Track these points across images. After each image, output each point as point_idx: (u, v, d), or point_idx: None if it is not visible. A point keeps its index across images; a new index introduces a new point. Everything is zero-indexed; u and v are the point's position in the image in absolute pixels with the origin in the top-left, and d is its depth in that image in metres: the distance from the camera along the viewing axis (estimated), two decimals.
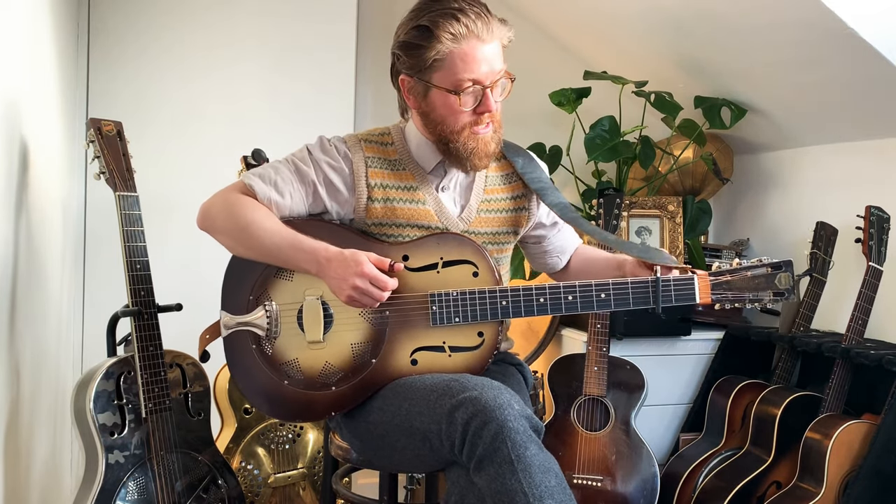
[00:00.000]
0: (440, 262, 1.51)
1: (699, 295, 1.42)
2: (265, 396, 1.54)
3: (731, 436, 2.47)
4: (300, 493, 2.23)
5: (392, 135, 1.60)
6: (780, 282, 1.37)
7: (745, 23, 2.28)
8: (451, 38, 1.42)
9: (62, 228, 2.27)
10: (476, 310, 1.46)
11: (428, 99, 1.50)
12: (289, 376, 1.52)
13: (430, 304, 1.48)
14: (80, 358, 2.54)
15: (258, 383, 1.53)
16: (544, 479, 1.28)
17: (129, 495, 1.77)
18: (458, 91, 1.45)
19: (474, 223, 1.60)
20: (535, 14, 3.01)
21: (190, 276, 2.51)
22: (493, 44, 1.45)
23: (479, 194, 1.62)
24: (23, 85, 1.72)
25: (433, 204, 1.57)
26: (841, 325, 2.35)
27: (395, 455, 1.49)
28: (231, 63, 2.66)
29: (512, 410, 1.30)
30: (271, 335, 1.51)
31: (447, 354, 1.50)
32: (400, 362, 1.50)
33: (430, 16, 1.43)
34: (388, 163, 1.57)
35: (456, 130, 1.49)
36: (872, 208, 2.27)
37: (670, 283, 1.43)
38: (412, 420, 1.40)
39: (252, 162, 2.27)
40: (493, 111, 1.49)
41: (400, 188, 1.56)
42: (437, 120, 1.50)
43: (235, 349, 1.54)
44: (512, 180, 1.66)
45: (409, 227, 1.55)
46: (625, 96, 2.80)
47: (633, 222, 2.71)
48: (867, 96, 2.30)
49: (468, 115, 1.48)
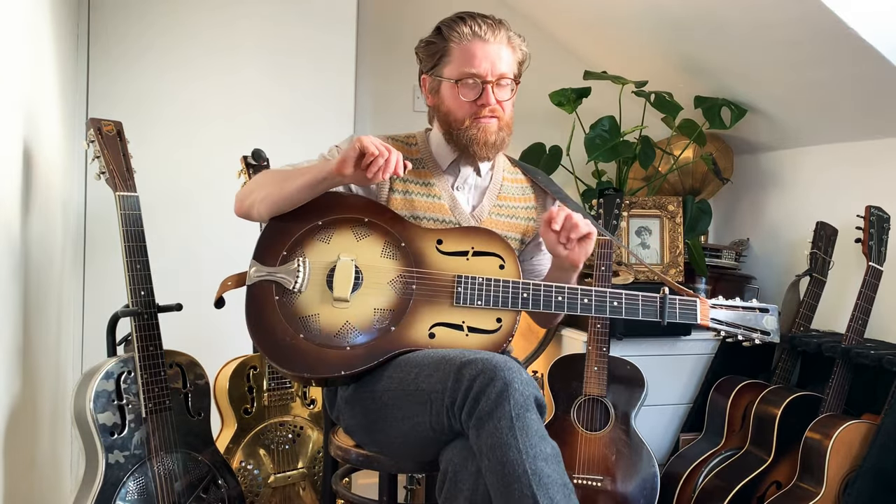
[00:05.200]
0: (471, 250, 1.62)
1: (700, 316, 1.59)
2: (278, 347, 1.54)
3: (731, 436, 2.47)
4: (300, 493, 2.23)
5: (416, 138, 1.77)
6: (767, 323, 1.55)
7: (745, 23, 2.28)
8: (458, 35, 1.63)
9: (62, 228, 2.27)
10: (499, 296, 1.57)
11: (440, 93, 1.68)
12: (307, 329, 1.55)
13: (455, 285, 1.57)
14: (80, 358, 2.54)
15: (274, 334, 1.55)
16: (540, 444, 1.34)
17: (129, 495, 1.77)
18: (460, 81, 1.62)
19: (485, 223, 1.72)
20: (536, 14, 3.01)
21: (190, 276, 2.51)
22: (496, 46, 1.63)
23: (493, 199, 1.75)
24: (23, 85, 1.72)
25: (448, 199, 1.71)
26: (841, 325, 2.35)
27: (394, 428, 1.52)
28: (231, 63, 2.66)
29: (520, 375, 1.37)
30: (297, 288, 1.56)
31: (465, 333, 1.57)
32: (418, 333, 1.56)
33: (446, 22, 1.67)
34: (413, 161, 1.70)
35: (460, 119, 1.65)
36: (872, 208, 2.27)
37: (676, 301, 1.58)
38: (419, 382, 1.45)
39: (252, 162, 2.27)
40: (492, 105, 1.63)
41: (418, 183, 1.70)
42: (445, 111, 1.67)
43: (257, 299, 1.57)
44: (525, 192, 1.81)
45: (425, 219, 1.68)
46: (625, 96, 2.80)
47: (633, 222, 2.71)
48: (867, 96, 2.30)
49: (471, 107, 1.64)
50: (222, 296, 1.68)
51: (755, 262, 2.96)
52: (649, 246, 2.71)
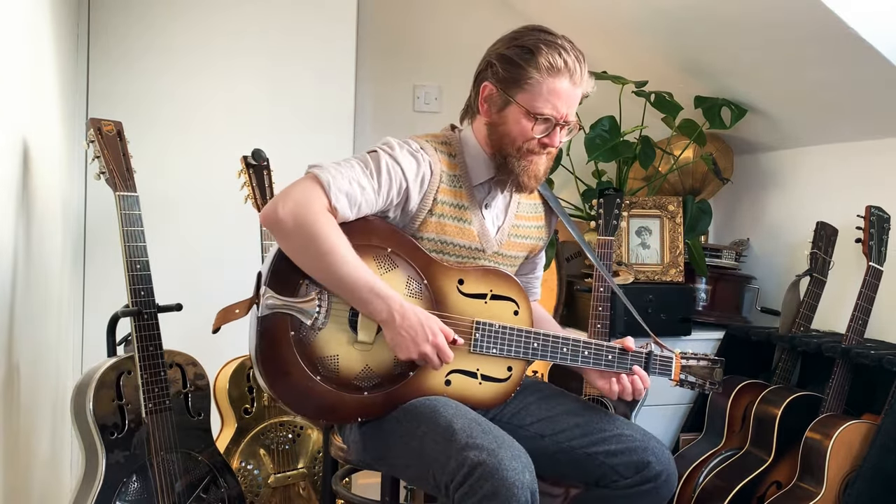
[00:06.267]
0: (489, 293, 1.57)
1: (674, 372, 1.67)
2: (294, 391, 1.45)
3: (731, 436, 2.47)
4: (300, 493, 2.23)
5: (453, 145, 1.63)
6: (715, 374, 1.68)
7: (745, 23, 2.28)
8: (549, 67, 1.50)
9: (62, 228, 2.27)
10: (512, 346, 1.55)
11: (503, 113, 1.55)
12: (323, 373, 1.46)
13: (473, 331, 1.53)
14: (80, 358, 2.53)
15: (289, 376, 1.44)
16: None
17: (129, 495, 1.77)
18: (537, 116, 1.52)
19: (504, 245, 1.66)
20: (536, 14, 3.01)
21: (190, 276, 2.51)
22: (578, 90, 1.55)
23: (511, 219, 1.68)
24: (23, 85, 1.72)
25: (477, 224, 1.61)
26: (841, 325, 2.35)
27: (394, 469, 1.52)
28: (231, 63, 2.66)
29: (521, 478, 1.31)
30: (317, 325, 1.45)
31: (478, 382, 1.55)
32: (435, 380, 1.52)
33: (536, 41, 1.52)
34: (453, 178, 1.60)
35: (518, 148, 1.55)
36: (872, 208, 2.27)
37: (657, 358, 1.65)
38: (424, 445, 1.41)
39: (252, 162, 2.27)
40: (557, 146, 1.58)
41: (452, 205, 1.59)
42: (503, 133, 1.56)
43: (270, 333, 1.43)
44: (537, 210, 1.75)
45: (452, 244, 1.59)
46: (625, 96, 2.80)
47: (633, 222, 2.71)
48: (867, 96, 2.30)
49: (534, 142, 1.55)
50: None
51: (755, 262, 2.96)
52: (649, 246, 2.71)
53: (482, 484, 1.30)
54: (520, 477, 1.31)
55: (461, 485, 1.32)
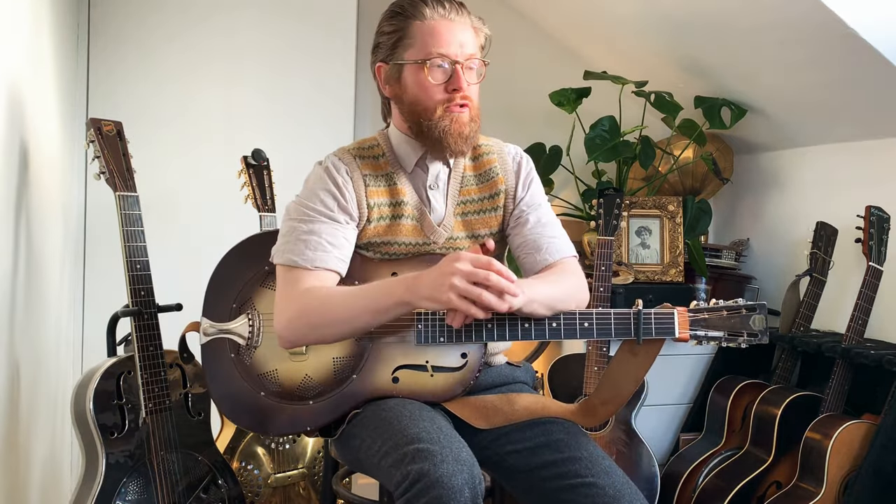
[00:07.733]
0: None
1: (678, 329, 1.43)
2: (241, 407, 1.49)
3: (731, 436, 2.47)
4: (300, 493, 2.23)
5: (380, 144, 1.57)
6: (755, 323, 1.40)
7: (745, 23, 2.28)
8: (419, 14, 1.46)
9: (62, 228, 2.27)
10: (461, 331, 1.41)
11: (401, 81, 1.50)
12: (266, 387, 1.49)
13: (416, 323, 1.44)
14: (80, 358, 2.54)
15: (234, 394, 1.49)
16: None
17: (129, 495, 1.77)
18: (427, 62, 1.45)
19: (457, 227, 1.56)
20: (535, 14, 3.01)
21: (190, 276, 2.50)
22: (463, 26, 1.48)
23: (455, 196, 1.57)
24: (23, 85, 1.72)
25: (417, 216, 1.54)
26: (841, 325, 2.35)
27: (371, 476, 1.48)
28: (231, 63, 2.66)
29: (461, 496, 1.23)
30: (252, 344, 1.50)
31: (429, 374, 1.47)
32: (381, 379, 1.47)
33: (400, 3, 1.49)
34: (384, 178, 1.53)
35: (429, 108, 1.47)
36: (872, 208, 2.27)
37: (651, 316, 1.42)
38: (381, 460, 1.35)
39: (252, 162, 2.27)
40: (464, 90, 1.47)
41: (391, 204, 1.52)
42: (410, 101, 1.49)
43: (213, 357, 1.51)
44: (490, 177, 1.59)
45: (395, 244, 1.53)
46: (625, 96, 2.80)
47: (633, 222, 2.71)
48: (867, 96, 2.30)
49: (440, 92, 1.47)
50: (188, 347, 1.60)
51: (755, 262, 2.96)
52: (649, 246, 2.71)
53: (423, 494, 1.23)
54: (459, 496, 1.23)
55: (403, 494, 1.26)
